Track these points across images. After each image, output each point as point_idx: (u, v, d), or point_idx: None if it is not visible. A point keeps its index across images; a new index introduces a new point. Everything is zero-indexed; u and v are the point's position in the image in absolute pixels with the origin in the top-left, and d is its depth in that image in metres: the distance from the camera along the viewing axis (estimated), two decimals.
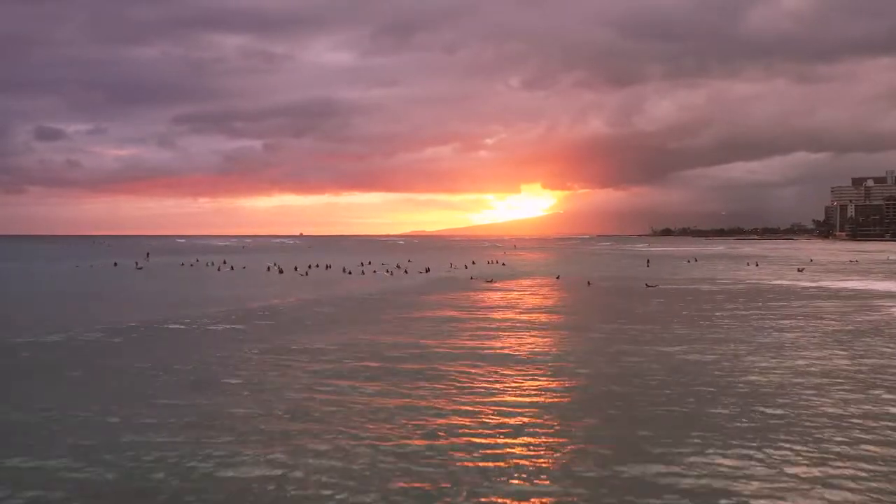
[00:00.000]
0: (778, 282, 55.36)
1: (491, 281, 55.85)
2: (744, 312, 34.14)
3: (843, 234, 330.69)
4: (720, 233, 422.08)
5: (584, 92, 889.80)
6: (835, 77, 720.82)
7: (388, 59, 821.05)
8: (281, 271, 68.37)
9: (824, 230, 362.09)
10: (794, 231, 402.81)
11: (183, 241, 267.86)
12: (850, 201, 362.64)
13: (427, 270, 68.16)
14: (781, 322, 30.38)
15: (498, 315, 33.63)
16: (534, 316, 33.42)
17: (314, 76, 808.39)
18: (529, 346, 24.38)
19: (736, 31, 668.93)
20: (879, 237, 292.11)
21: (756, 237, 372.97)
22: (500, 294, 45.45)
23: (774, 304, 38.37)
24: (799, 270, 69.92)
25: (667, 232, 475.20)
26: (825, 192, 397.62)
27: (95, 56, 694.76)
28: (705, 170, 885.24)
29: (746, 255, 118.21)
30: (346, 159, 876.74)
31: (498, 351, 23.21)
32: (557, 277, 60.57)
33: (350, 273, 65.94)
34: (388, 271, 67.96)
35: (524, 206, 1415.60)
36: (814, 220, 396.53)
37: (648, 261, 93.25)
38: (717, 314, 33.40)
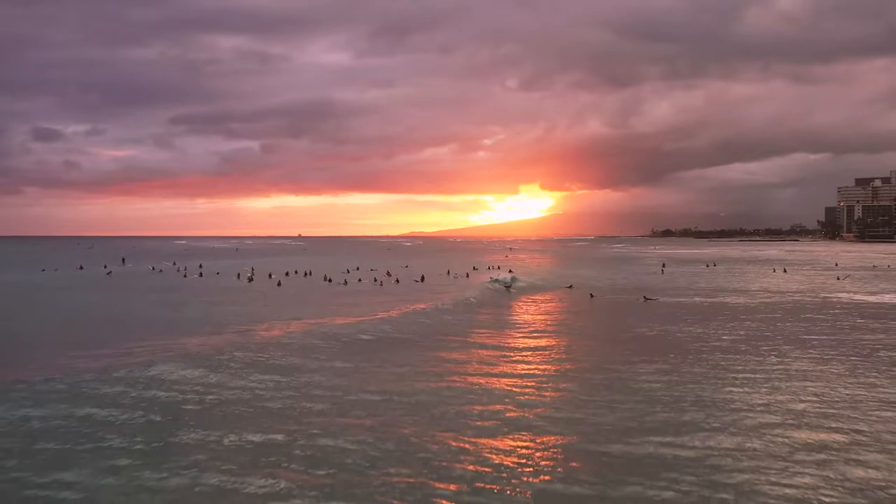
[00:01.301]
0: (826, 295, 47.13)
1: (508, 286, 50.64)
2: (815, 339, 26.35)
3: (851, 235, 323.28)
4: (721, 234, 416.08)
5: (582, 93, 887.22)
6: (832, 78, 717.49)
7: (385, 60, 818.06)
8: (251, 279, 60.10)
9: (830, 231, 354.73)
10: (796, 232, 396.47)
11: (183, 242, 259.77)
12: (858, 202, 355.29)
13: (422, 279, 59.50)
14: (879, 355, 22.70)
15: (507, 360, 26.05)
16: (542, 348, 25.86)
17: (311, 77, 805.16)
18: (537, 426, 16.82)
19: (732, 33, 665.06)
20: (889, 238, 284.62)
21: (759, 238, 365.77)
22: (506, 314, 37.91)
23: (846, 326, 30.62)
24: (839, 279, 62.13)
25: (667, 233, 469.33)
26: (824, 193, 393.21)
27: (93, 57, 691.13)
28: (703, 171, 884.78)
29: (766, 259, 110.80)
30: (344, 160, 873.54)
31: (504, 442, 15.60)
32: (570, 287, 52.98)
33: (330, 281, 57.82)
34: (376, 280, 59.84)
35: (523, 206, 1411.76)
36: (818, 221, 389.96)
37: (664, 265, 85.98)
38: (777, 342, 25.65)
